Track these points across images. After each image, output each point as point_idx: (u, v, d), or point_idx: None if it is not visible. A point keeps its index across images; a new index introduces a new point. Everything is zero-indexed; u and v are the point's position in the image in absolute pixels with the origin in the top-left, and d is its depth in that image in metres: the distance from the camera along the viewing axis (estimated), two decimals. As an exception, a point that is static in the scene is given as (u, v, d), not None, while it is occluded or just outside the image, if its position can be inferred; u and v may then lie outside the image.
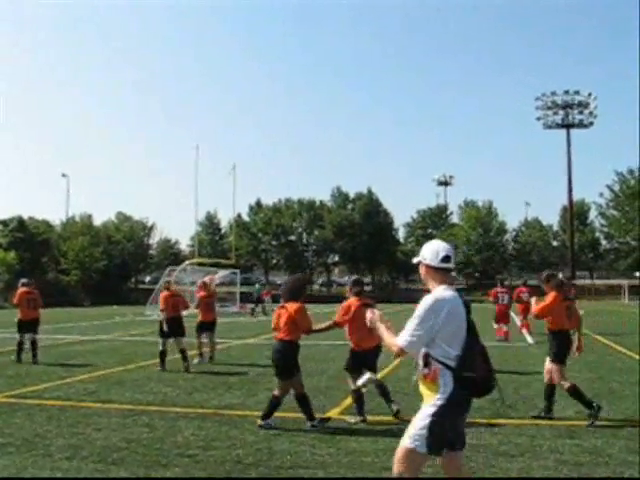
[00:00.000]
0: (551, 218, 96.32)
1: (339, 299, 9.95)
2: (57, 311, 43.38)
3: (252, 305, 39.89)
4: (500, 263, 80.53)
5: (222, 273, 43.60)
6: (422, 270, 4.18)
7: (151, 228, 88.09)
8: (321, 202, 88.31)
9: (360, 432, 7.57)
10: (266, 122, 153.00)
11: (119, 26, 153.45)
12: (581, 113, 79.26)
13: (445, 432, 3.84)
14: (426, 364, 3.92)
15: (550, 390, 8.49)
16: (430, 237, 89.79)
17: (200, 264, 46.21)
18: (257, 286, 43.72)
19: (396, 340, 3.96)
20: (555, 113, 79.68)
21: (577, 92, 79.17)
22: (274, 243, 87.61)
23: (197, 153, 49.79)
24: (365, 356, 8.33)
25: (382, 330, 4.15)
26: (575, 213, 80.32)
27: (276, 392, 8.05)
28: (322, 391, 10.23)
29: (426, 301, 3.94)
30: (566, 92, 79.15)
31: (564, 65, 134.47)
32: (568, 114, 79.11)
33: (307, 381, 11.28)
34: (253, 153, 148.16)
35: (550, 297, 8.60)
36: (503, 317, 19.67)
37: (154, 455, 6.59)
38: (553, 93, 79.56)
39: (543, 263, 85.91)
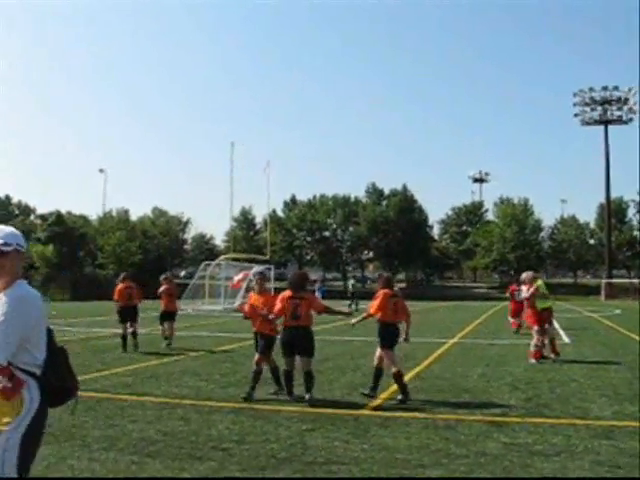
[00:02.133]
0: (588, 216, 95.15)
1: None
2: (93, 304, 44.01)
3: (348, 301, 37.19)
4: (535, 261, 79.46)
5: (257, 269, 43.71)
6: (6, 260, 3.32)
7: (186, 223, 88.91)
8: (356, 198, 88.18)
9: (394, 428, 7.55)
10: (301, 118, 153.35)
11: (153, 24, 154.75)
12: (620, 109, 78.05)
13: (30, 455, 3.26)
14: (5, 375, 3.15)
15: (378, 372, 9.64)
16: (465, 234, 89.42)
17: (235, 259, 46.46)
18: (352, 281, 43.24)
19: None
20: (593, 109, 78.58)
21: (616, 88, 78.03)
22: (308, 239, 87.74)
23: (232, 149, 49.85)
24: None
25: None
26: (613, 211, 79.18)
27: (288, 368, 9.33)
28: (356, 387, 10.21)
29: (17, 299, 3.22)
30: (605, 88, 78.04)
31: (603, 60, 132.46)
32: (606, 110, 77.94)
33: (341, 377, 11.30)
34: (288, 149, 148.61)
35: (380, 294, 9.75)
36: (517, 313, 20.71)
37: (189, 448, 6.65)
38: (591, 89, 78.50)
39: (579, 261, 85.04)
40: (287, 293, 9.45)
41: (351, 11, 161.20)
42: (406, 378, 11.18)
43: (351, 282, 42.71)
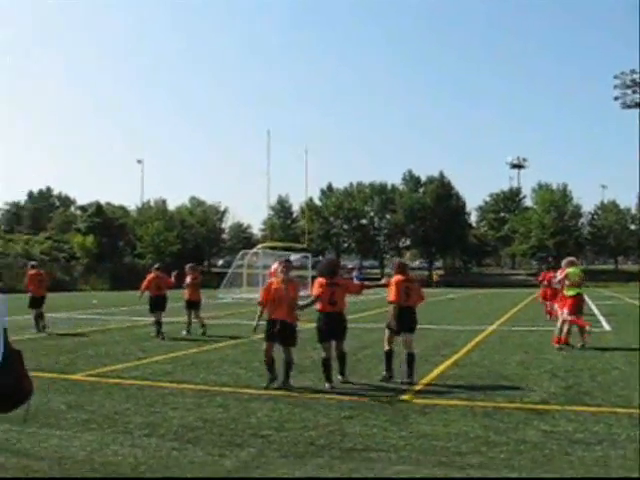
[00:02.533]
0: (629, 201, 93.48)
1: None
2: (133, 294, 44.50)
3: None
4: (574, 247, 78.30)
5: (294, 257, 43.84)
6: None
7: (224, 212, 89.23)
8: (392, 186, 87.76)
9: (433, 416, 7.54)
10: (337, 106, 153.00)
11: (189, 15, 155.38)
12: (662, 91, 76.49)
13: None
14: None
15: (388, 356, 10.04)
16: (503, 221, 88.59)
17: (272, 248, 46.59)
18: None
19: None
20: (634, 92, 77.11)
21: (658, 69, 76.39)
22: (345, 227, 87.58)
23: (269, 137, 49.86)
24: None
25: None
26: (655, 195, 77.62)
27: (326, 355, 9.43)
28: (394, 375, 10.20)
29: None
30: (646, 70, 76.46)
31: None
32: (648, 93, 76.43)
33: (379, 365, 11.29)
34: (325, 137, 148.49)
35: (392, 282, 10.12)
36: (553, 297, 20.32)
37: (229, 435, 6.72)
38: (632, 71, 76.99)
39: (620, 247, 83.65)
40: (322, 280, 9.59)
41: (395, 2, 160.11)
42: (444, 365, 11.19)
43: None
